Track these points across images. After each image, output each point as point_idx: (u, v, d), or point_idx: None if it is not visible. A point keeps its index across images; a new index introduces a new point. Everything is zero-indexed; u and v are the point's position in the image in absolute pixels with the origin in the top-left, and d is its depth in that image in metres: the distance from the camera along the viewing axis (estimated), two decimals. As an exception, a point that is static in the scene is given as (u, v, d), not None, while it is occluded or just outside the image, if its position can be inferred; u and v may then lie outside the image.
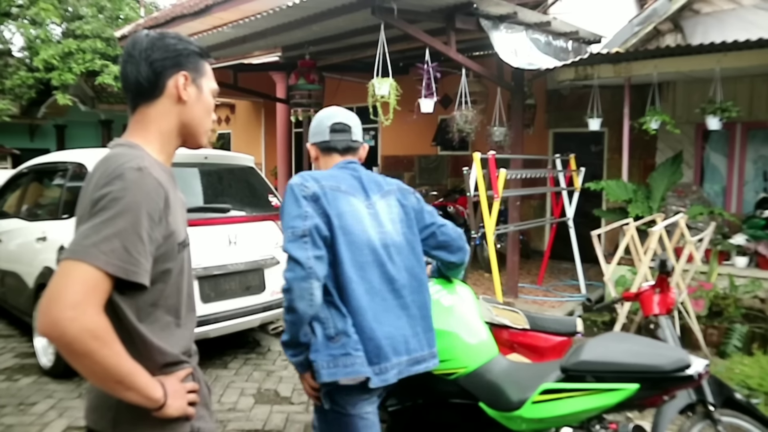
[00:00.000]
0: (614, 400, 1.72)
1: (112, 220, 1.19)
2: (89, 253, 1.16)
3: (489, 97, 7.37)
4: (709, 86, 6.25)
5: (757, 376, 3.93)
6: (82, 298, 1.14)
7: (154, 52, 1.38)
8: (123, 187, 1.22)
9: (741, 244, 6.16)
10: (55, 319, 1.13)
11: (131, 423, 1.31)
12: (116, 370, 1.19)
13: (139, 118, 1.41)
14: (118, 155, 1.31)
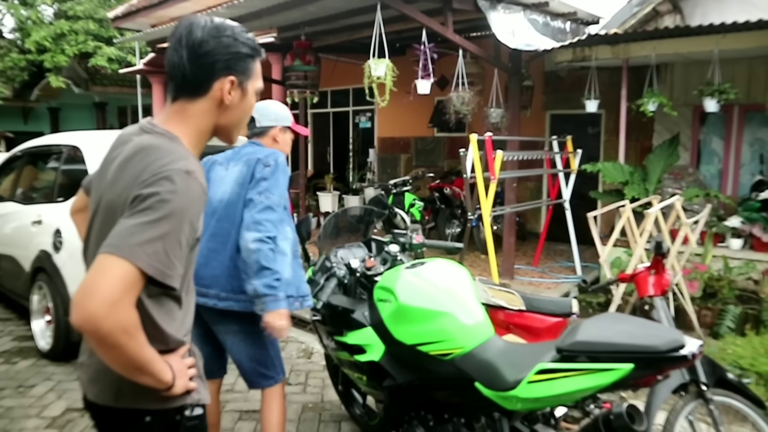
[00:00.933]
0: (609, 380, 1.74)
1: (158, 223, 1.21)
2: (133, 253, 1.18)
3: (486, 78, 7.33)
4: (707, 68, 6.23)
5: (748, 356, 3.98)
6: (120, 297, 1.16)
7: (207, 51, 1.34)
8: (172, 191, 1.23)
9: (736, 227, 6.19)
10: (92, 314, 1.15)
11: (133, 396, 1.34)
12: (138, 360, 1.23)
13: (179, 110, 1.39)
14: (164, 149, 1.30)
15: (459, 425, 2.26)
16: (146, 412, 1.36)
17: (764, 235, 5.97)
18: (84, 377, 1.43)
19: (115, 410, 1.36)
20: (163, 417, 1.37)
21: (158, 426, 1.37)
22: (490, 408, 2.09)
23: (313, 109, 11.50)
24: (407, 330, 2.27)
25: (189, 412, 1.40)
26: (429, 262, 2.52)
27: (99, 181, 1.44)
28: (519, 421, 2.20)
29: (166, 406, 1.37)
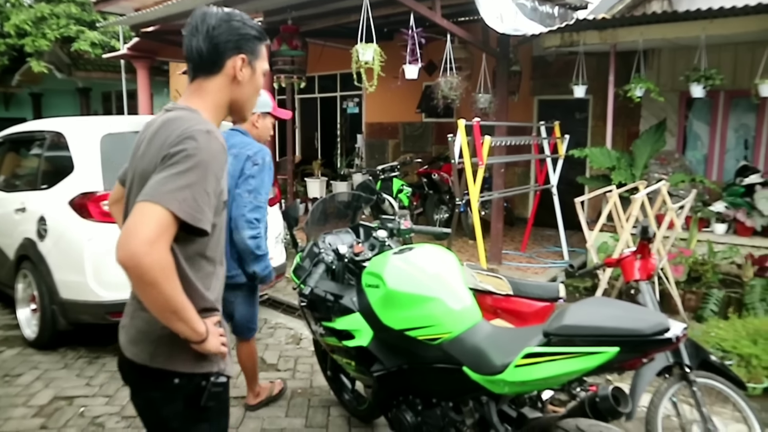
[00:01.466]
0: (595, 364, 1.75)
1: (185, 173, 1.37)
2: (166, 199, 1.34)
3: (474, 63, 7.30)
4: (694, 54, 6.25)
5: (731, 338, 4.05)
6: (157, 236, 1.32)
7: (220, 33, 1.53)
8: (196, 147, 1.40)
9: (720, 211, 6.26)
10: (134, 251, 1.30)
11: (166, 357, 1.51)
12: (174, 302, 1.38)
13: (197, 88, 1.57)
14: (186, 118, 1.48)
15: (447, 409, 2.28)
16: (176, 374, 1.52)
17: (748, 219, 6.04)
18: (124, 338, 1.61)
19: (149, 369, 1.52)
20: (190, 380, 1.53)
21: (185, 388, 1.52)
22: (477, 392, 2.10)
23: (301, 95, 11.41)
24: (395, 315, 2.27)
25: (214, 378, 1.55)
26: (417, 247, 2.52)
27: (132, 163, 1.60)
28: (506, 405, 2.22)
29: (194, 371, 1.52)
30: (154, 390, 1.55)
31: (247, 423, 3.37)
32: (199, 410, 1.55)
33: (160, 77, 15.28)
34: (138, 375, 1.57)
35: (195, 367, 1.53)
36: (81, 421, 3.38)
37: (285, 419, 3.41)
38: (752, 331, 4.12)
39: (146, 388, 1.56)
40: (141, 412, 1.63)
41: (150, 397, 1.56)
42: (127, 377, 1.64)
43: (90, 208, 4.04)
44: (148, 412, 1.60)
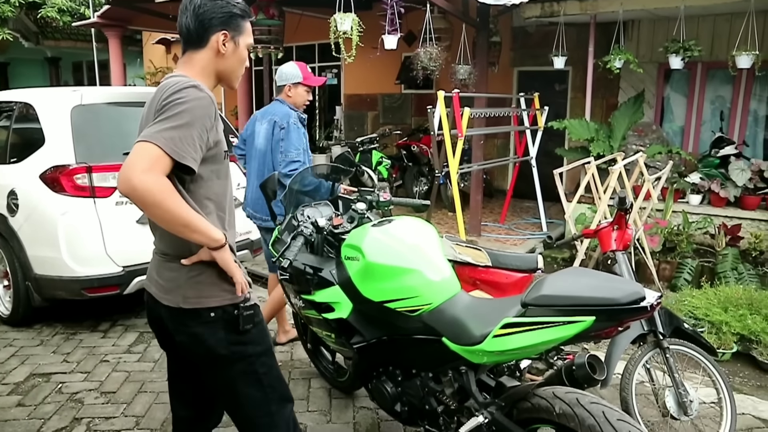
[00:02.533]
0: (572, 333, 1.77)
1: (173, 118, 1.59)
2: (155, 137, 1.56)
3: (454, 34, 7.22)
4: (673, 25, 6.26)
5: (703, 306, 4.15)
6: (149, 166, 1.53)
7: (205, 11, 1.73)
8: (183, 97, 1.61)
9: (696, 182, 6.36)
10: (130, 178, 1.52)
11: (197, 296, 1.75)
12: (181, 215, 1.59)
13: (187, 60, 1.80)
14: (177, 78, 1.69)
15: (426, 379, 2.30)
16: (210, 309, 1.76)
17: (722, 190, 6.14)
18: (155, 289, 1.83)
19: (185, 310, 1.75)
20: (224, 311, 1.76)
21: (221, 318, 1.76)
22: (457, 362, 2.12)
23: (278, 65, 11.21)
24: (375, 287, 2.27)
25: (243, 304, 1.79)
26: (396, 219, 2.51)
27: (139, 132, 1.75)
28: (485, 374, 2.24)
29: (225, 303, 1.76)
30: (196, 326, 1.77)
31: (228, 396, 3.37)
32: (239, 334, 1.79)
33: (133, 47, 14.87)
34: (177, 317, 1.78)
35: (224, 300, 1.76)
36: (59, 397, 3.35)
37: (266, 391, 3.43)
38: (723, 299, 4.22)
39: (189, 326, 1.77)
40: (188, 349, 1.82)
41: (194, 332, 1.77)
42: (166, 323, 1.83)
43: (62, 181, 3.94)
44: (196, 346, 1.80)
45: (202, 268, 1.75)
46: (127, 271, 4.07)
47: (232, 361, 1.81)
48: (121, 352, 3.95)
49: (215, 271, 1.75)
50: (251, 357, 1.82)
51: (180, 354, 1.91)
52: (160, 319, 1.86)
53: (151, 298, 1.87)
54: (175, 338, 1.84)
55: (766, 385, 3.66)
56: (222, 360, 1.80)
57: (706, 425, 2.97)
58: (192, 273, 1.75)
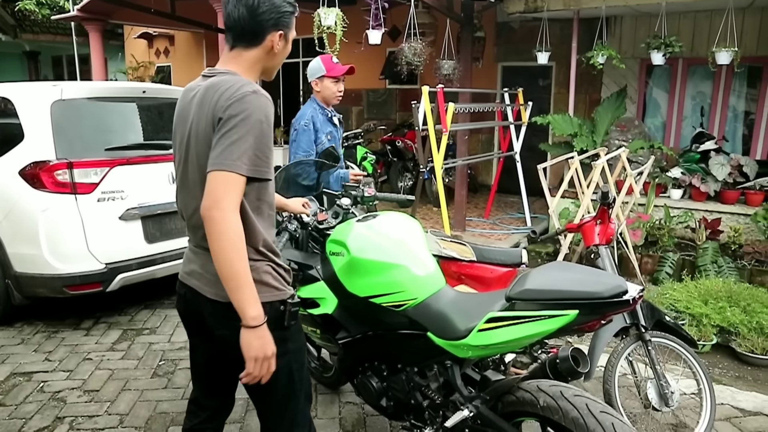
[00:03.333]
0: (555, 326, 1.79)
1: (245, 137, 1.57)
2: (236, 165, 1.56)
3: (438, 29, 7.24)
4: (654, 21, 6.32)
5: (684, 299, 4.21)
6: (236, 203, 1.58)
7: (263, 11, 1.68)
8: (248, 109, 1.59)
9: (677, 177, 6.44)
10: (221, 209, 1.55)
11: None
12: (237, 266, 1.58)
13: (236, 55, 1.74)
14: (228, 80, 1.65)
15: (412, 374, 2.31)
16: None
17: (702, 185, 6.23)
18: (199, 282, 1.80)
19: (231, 304, 1.64)
20: (272, 307, 1.73)
21: (268, 314, 1.69)
22: (442, 356, 2.13)
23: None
24: (360, 282, 2.27)
25: (291, 300, 1.78)
26: (381, 215, 2.51)
27: (181, 127, 1.78)
28: (470, 368, 2.25)
29: (272, 300, 1.74)
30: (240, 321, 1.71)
31: (213, 392, 3.36)
32: (283, 330, 1.77)
33: (114, 41, 14.67)
34: (223, 312, 1.72)
35: (273, 296, 1.75)
36: (41, 396, 3.31)
37: (251, 388, 3.42)
38: (704, 292, 4.29)
39: (236, 320, 1.69)
40: (230, 343, 1.75)
41: (239, 327, 1.69)
42: (207, 317, 1.81)
43: (43, 178, 3.89)
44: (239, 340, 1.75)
45: (251, 264, 1.69)
46: (110, 268, 4.03)
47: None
48: (105, 350, 3.91)
49: (265, 268, 1.75)
50: (289, 353, 1.82)
51: (218, 347, 1.88)
52: (200, 312, 1.83)
53: (190, 291, 1.84)
54: (215, 332, 1.82)
55: (744, 376, 3.73)
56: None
57: (687, 416, 3.02)
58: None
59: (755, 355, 3.83)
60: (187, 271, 1.87)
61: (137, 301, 4.75)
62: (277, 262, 1.79)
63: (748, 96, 7.44)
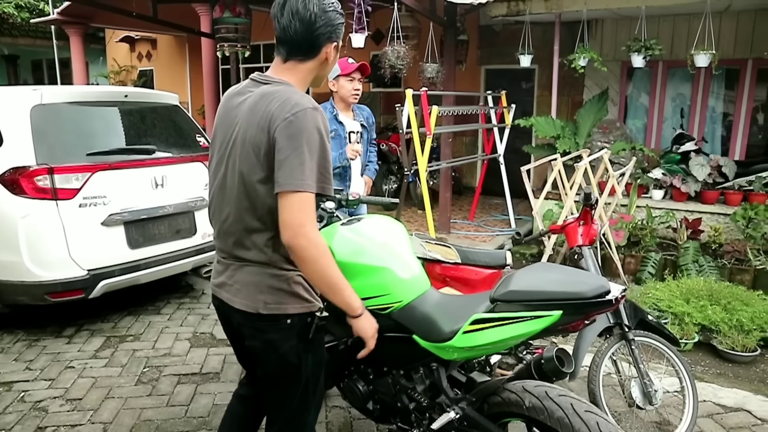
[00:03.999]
0: (539, 327, 1.80)
1: (312, 155, 1.60)
2: (306, 185, 1.60)
3: (421, 32, 7.25)
4: (635, 24, 6.40)
5: (666, 299, 4.26)
6: (311, 221, 1.62)
7: (320, 25, 1.70)
8: (310, 127, 1.61)
9: (658, 178, 6.52)
10: (305, 234, 1.60)
11: (278, 302, 1.75)
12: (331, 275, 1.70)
13: (290, 67, 1.76)
14: (287, 92, 1.68)
15: (398, 377, 2.31)
16: (288, 316, 1.77)
17: (683, 185, 6.32)
18: (229, 294, 1.81)
19: (263, 315, 1.75)
20: (300, 319, 1.78)
21: (297, 325, 1.78)
22: (427, 359, 2.13)
23: (245, 64, 11.09)
24: (345, 286, 2.27)
25: (318, 313, 1.82)
26: (365, 218, 2.51)
27: (223, 130, 1.80)
28: (456, 370, 2.26)
29: (302, 312, 1.78)
30: (272, 332, 1.77)
31: (199, 399, 3.33)
32: (308, 342, 1.82)
33: (95, 45, 14.54)
34: (254, 323, 1.78)
35: (303, 308, 1.78)
36: (22, 406, 3.26)
37: (237, 393, 3.39)
38: (685, 290, 4.34)
39: (264, 332, 1.77)
40: (259, 354, 1.83)
41: (269, 338, 1.78)
42: (239, 328, 1.84)
43: (23, 183, 3.83)
44: (268, 352, 1.81)
45: (283, 274, 1.75)
46: (93, 274, 3.99)
47: (297, 368, 1.82)
48: (87, 358, 3.86)
49: (297, 279, 1.77)
50: (310, 367, 1.85)
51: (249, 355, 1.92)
52: (231, 322, 1.87)
53: (222, 303, 1.85)
54: (245, 342, 1.85)
55: (725, 373, 3.78)
56: (289, 366, 1.82)
57: (670, 413, 3.06)
58: (272, 280, 1.75)
59: (736, 352, 3.89)
60: (216, 283, 1.88)
61: (120, 308, 4.70)
62: None
63: (726, 98, 7.56)
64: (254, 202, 1.70)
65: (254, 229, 1.73)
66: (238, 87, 1.84)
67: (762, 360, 3.98)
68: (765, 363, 3.96)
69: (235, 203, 1.73)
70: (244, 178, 1.68)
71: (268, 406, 1.98)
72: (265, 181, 1.66)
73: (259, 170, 1.66)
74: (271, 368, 1.85)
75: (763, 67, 6.92)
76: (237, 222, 1.75)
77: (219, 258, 1.88)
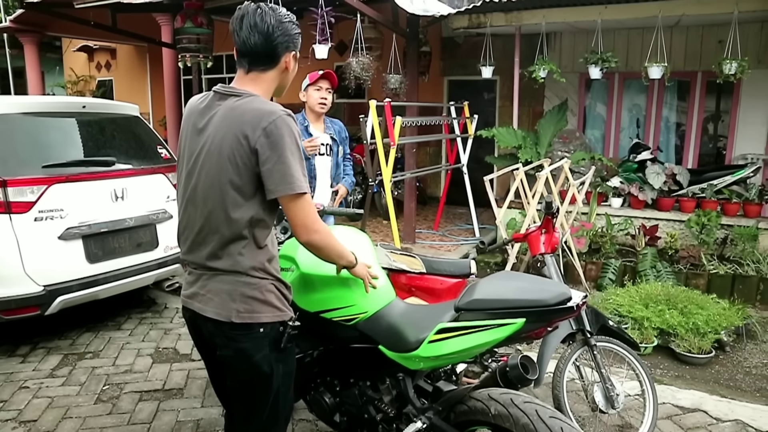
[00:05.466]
0: (503, 335, 1.83)
1: (294, 159, 1.71)
2: (302, 186, 1.71)
3: (384, 43, 7.31)
4: (591, 37, 6.59)
5: (626, 304, 4.37)
6: (317, 215, 1.78)
7: (277, 35, 1.77)
8: (287, 131, 1.70)
9: (617, 186, 6.70)
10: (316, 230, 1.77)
11: (250, 311, 1.77)
12: (337, 249, 1.91)
13: (253, 78, 1.83)
14: (257, 102, 1.75)
15: (365, 388, 2.30)
16: (261, 325, 1.78)
17: (640, 193, 6.50)
18: (201, 304, 1.82)
19: (236, 324, 1.77)
20: (273, 328, 1.81)
21: (269, 334, 1.80)
22: (394, 369, 2.14)
23: (208, 75, 10.98)
24: (310, 298, 2.26)
25: (291, 322, 1.85)
26: (330, 228, 2.50)
27: (191, 143, 1.83)
28: (422, 380, 2.27)
29: (274, 320, 1.81)
30: (244, 341, 1.79)
31: (161, 416, 3.25)
32: (279, 352, 1.83)
33: (52, 54, 14.17)
34: (226, 332, 1.79)
35: (275, 317, 1.81)
36: (-27, 428, 3.13)
37: (201, 410, 3.32)
38: (644, 296, 4.46)
39: (237, 341, 1.79)
40: (231, 363, 1.84)
41: (241, 347, 1.79)
42: (210, 338, 1.85)
43: (-27, 197, 3.70)
44: (240, 361, 1.81)
45: (256, 283, 1.78)
46: (49, 290, 3.86)
47: (269, 377, 1.83)
48: (43, 377, 3.73)
49: (269, 287, 1.80)
50: (281, 377, 1.86)
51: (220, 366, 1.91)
52: (202, 333, 1.88)
53: (193, 314, 1.86)
54: (217, 352, 1.85)
55: (683, 375, 3.89)
56: (261, 376, 1.83)
57: (632, 416, 3.13)
58: (245, 288, 1.77)
59: (692, 355, 4.01)
60: (187, 294, 1.88)
61: (79, 324, 4.56)
62: (280, 279, 1.84)
63: (678, 108, 7.84)
64: (230, 212, 1.72)
65: (229, 238, 1.74)
66: (201, 99, 1.88)
67: (716, 361, 4.12)
68: (719, 364, 4.09)
69: (209, 214, 1.75)
70: (221, 188, 1.72)
71: (238, 418, 1.96)
72: (244, 190, 1.71)
73: (237, 180, 1.71)
74: (242, 377, 1.85)
75: (712, 79, 7.20)
76: (212, 233, 1.77)
77: (190, 269, 1.89)
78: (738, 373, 3.97)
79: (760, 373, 3.97)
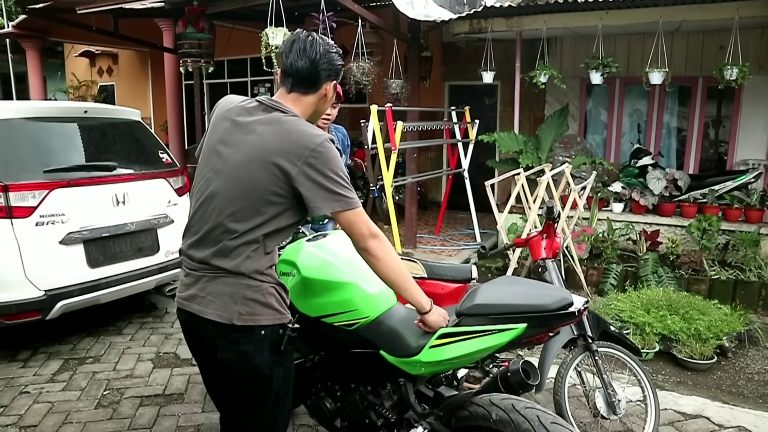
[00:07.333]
0: (505, 340, 1.82)
1: (342, 178, 1.79)
2: (354, 202, 1.81)
3: (386, 48, 7.32)
4: (592, 43, 6.60)
5: (628, 309, 4.36)
6: (374, 226, 1.86)
7: (323, 63, 1.87)
8: (334, 154, 1.79)
9: (618, 191, 6.69)
10: (374, 235, 1.84)
11: (251, 314, 1.79)
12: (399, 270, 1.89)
13: (295, 98, 1.90)
14: (301, 123, 1.83)
15: (365, 393, 2.30)
16: (261, 327, 1.81)
17: (641, 198, 6.50)
18: (200, 306, 1.82)
19: (237, 327, 1.78)
20: (273, 330, 1.83)
21: (270, 337, 1.83)
22: (395, 374, 2.13)
23: (209, 80, 11.00)
24: (311, 302, 2.26)
25: (290, 325, 1.87)
26: (331, 234, 2.51)
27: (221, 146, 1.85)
28: (423, 385, 2.26)
29: (275, 323, 1.83)
30: (245, 344, 1.80)
31: (162, 422, 3.24)
32: (279, 354, 1.86)
33: (54, 59, 14.21)
34: (227, 334, 1.80)
35: (275, 320, 1.83)
36: (-27, 433, 3.12)
37: (202, 414, 3.32)
38: (646, 301, 4.45)
39: (238, 343, 1.80)
40: (231, 366, 1.85)
41: (242, 350, 1.81)
42: (210, 340, 1.85)
43: (-27, 202, 3.70)
44: (241, 363, 1.83)
45: (258, 285, 1.79)
46: (50, 295, 3.86)
47: (269, 380, 1.86)
48: (44, 382, 3.72)
49: (270, 290, 1.82)
50: (281, 380, 1.89)
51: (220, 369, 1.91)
52: (200, 336, 1.88)
53: (190, 316, 1.85)
54: (218, 354, 1.85)
55: (685, 381, 3.88)
56: (262, 378, 1.85)
57: (633, 422, 3.12)
58: (247, 291, 1.78)
59: (694, 361, 4.00)
60: (184, 296, 1.88)
61: (80, 329, 4.56)
62: (279, 283, 1.87)
63: (679, 113, 7.85)
64: (256, 218, 1.76)
65: (243, 242, 1.76)
66: (243, 99, 1.93)
67: (718, 367, 4.11)
68: (721, 370, 4.08)
69: (231, 215, 1.76)
70: (255, 195, 1.75)
71: (238, 422, 1.96)
72: (278, 202, 1.76)
73: (276, 191, 1.75)
74: (242, 380, 1.87)
75: (713, 84, 7.20)
76: (227, 233, 1.77)
77: (187, 271, 1.88)
78: (740, 379, 3.96)
79: (762, 379, 3.96)
